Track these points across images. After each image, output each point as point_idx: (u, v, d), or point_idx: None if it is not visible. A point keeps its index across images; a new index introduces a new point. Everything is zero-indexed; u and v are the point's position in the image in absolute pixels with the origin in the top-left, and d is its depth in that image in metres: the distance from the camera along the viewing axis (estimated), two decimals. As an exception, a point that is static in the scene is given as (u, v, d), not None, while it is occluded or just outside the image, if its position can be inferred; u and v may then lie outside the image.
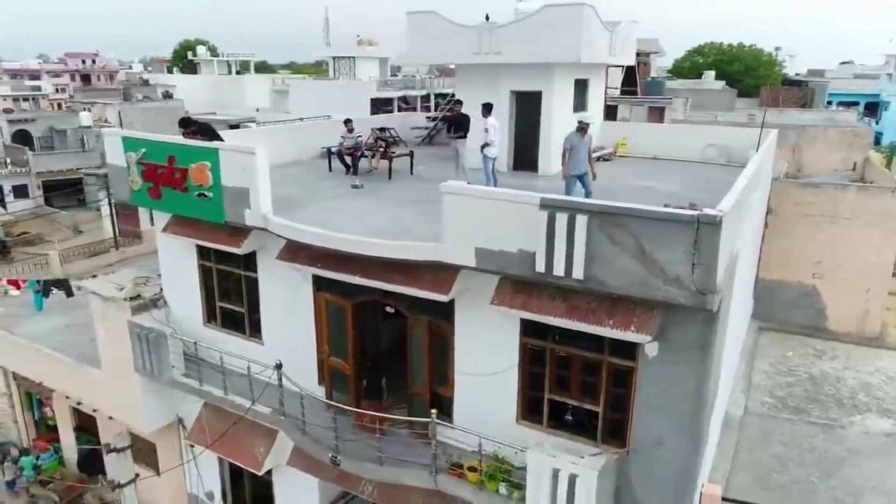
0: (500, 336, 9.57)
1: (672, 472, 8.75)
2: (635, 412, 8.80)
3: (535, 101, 14.49)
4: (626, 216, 7.46)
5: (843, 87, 69.17)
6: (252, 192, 10.50)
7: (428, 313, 10.11)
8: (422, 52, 14.94)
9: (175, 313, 13.56)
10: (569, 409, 9.63)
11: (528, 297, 8.70)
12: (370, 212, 11.44)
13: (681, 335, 8.14)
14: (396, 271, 9.67)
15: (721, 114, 29.12)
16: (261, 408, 11.64)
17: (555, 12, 12.90)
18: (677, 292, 7.37)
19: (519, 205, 8.10)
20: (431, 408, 10.24)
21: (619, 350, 8.69)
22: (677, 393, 8.44)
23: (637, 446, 8.89)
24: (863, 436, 12.99)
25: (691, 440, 8.57)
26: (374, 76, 52.85)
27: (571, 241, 7.71)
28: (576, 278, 7.87)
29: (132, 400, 13.89)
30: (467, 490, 9.68)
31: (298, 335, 11.79)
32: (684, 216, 7.13)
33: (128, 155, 11.75)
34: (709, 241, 7.06)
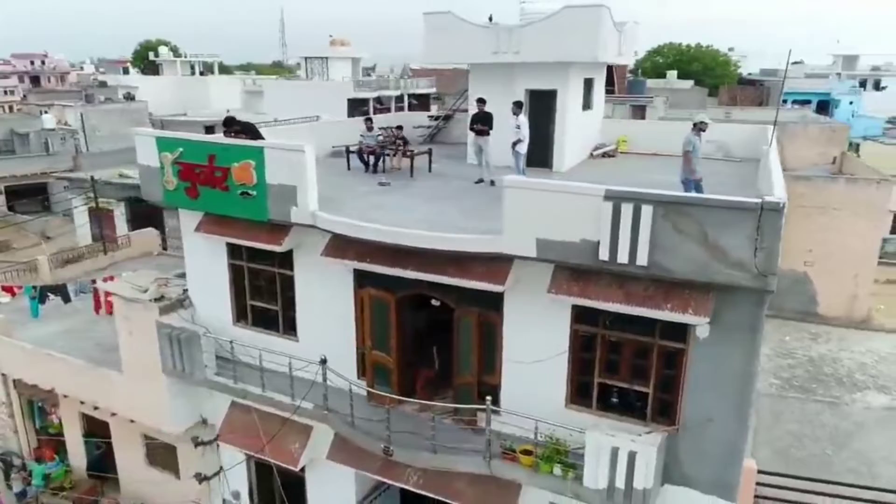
0: (549, 324, 9.97)
1: (720, 448, 9.30)
2: (685, 391, 9.32)
3: (551, 99, 14.95)
4: (690, 205, 7.97)
5: (797, 87, 71.97)
6: (300, 189, 10.65)
7: (477, 304, 10.45)
8: (439, 52, 15.25)
9: (201, 313, 13.54)
10: (614, 392, 10.10)
11: (585, 285, 9.13)
12: (409, 208, 11.69)
13: (731, 317, 8.67)
14: (450, 264, 9.98)
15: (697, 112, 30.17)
16: (303, 403, 11.77)
17: (575, 13, 13.39)
18: (740, 275, 7.91)
19: (583, 196, 8.52)
20: (479, 396, 10.65)
21: (669, 333, 9.20)
22: (726, 372, 8.99)
23: (686, 424, 9.41)
24: (865, 411, 13.87)
25: (739, 417, 9.14)
26: (347, 76, 52.83)
27: (636, 230, 8.17)
28: (640, 265, 8.33)
29: (157, 401, 13.82)
30: (521, 473, 10.06)
31: (336, 330, 11.97)
32: (749, 203, 7.67)
33: (162, 155, 11.73)
34: (771, 226, 7.60)
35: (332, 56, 52.10)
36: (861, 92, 71.50)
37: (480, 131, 13.66)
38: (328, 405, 11.50)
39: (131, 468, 16.29)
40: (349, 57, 53.74)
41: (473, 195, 12.79)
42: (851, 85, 73.54)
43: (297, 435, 12.90)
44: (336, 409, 11.46)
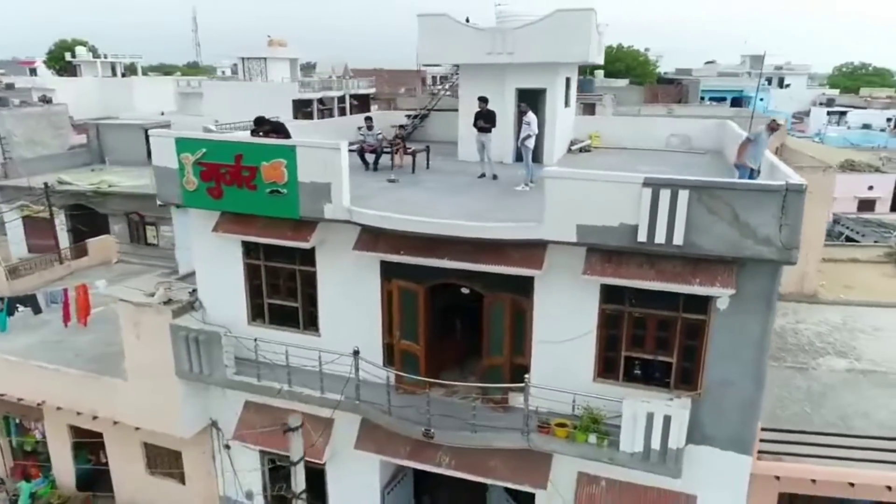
0: (578, 304, 10.75)
1: (739, 408, 10.36)
2: (706, 359, 10.32)
3: (540, 97, 15.78)
4: (723, 189, 8.93)
5: (713, 84, 76.61)
6: (334, 186, 10.95)
7: (507, 290, 11.10)
8: (433, 53, 15.77)
9: (212, 315, 13.52)
10: (637, 364, 10.99)
11: (618, 266, 9.97)
12: (430, 202, 12.16)
13: (749, 289, 9.71)
14: (484, 252, 10.59)
15: (643, 108, 32.00)
16: (332, 395, 12.05)
17: (567, 16, 14.25)
18: (766, 250, 8.94)
19: (622, 184, 9.34)
20: (510, 377, 11.33)
21: (692, 306, 10.16)
22: (744, 339, 10.05)
23: (708, 389, 10.41)
24: (830, 373, 15.45)
25: (756, 380, 10.22)
26: (286, 77, 52.15)
27: (673, 213, 9.06)
28: (676, 244, 9.23)
29: (168, 406, 13.69)
30: (557, 444, 10.81)
31: (361, 323, 12.32)
32: (775, 186, 8.70)
33: (183, 156, 11.70)
34: (794, 206, 8.66)
35: (270, 56, 51.26)
36: (770, 89, 76.85)
37: (484, 128, 14.29)
38: (360, 396, 11.84)
39: (129, 479, 15.93)
40: (287, 58, 53.01)
41: (483, 189, 13.42)
42: (762, 83, 78.76)
43: (319, 429, 13.12)
44: (368, 400, 11.82)
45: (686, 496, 10.96)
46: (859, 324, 18.11)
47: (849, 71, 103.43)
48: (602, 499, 11.35)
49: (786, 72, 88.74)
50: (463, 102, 16.45)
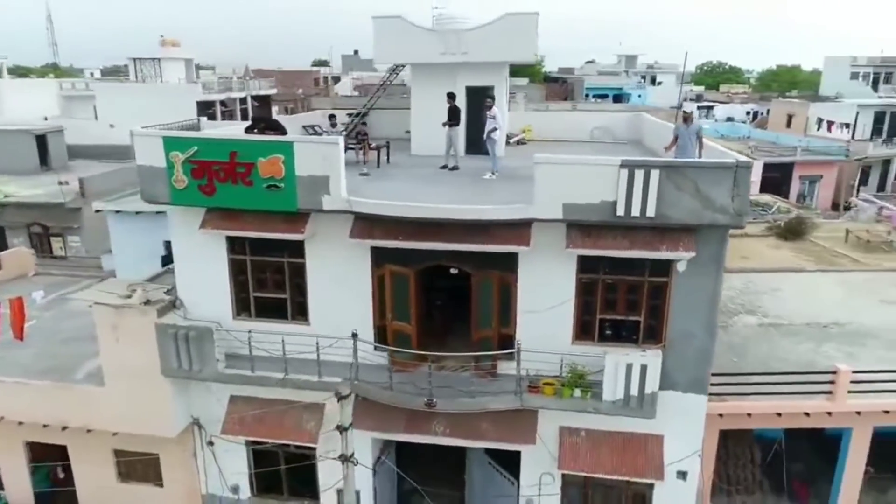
0: (558, 276, 12.14)
1: (696, 356, 12.18)
2: (669, 316, 12.04)
3: (489, 93, 17.06)
4: (687, 168, 10.61)
5: (596, 83, 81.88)
6: (332, 178, 11.62)
7: (494, 267, 12.29)
8: (389, 53, 16.63)
9: (194, 312, 13.66)
10: (608, 325, 12.55)
11: (597, 239, 11.44)
12: (412, 192, 13.02)
13: (704, 252, 11.48)
14: (475, 233, 11.70)
15: (550, 104, 34.31)
16: (331, 379, 12.69)
17: (517, 19, 15.62)
18: (722, 217, 10.72)
19: (602, 166, 10.80)
20: (499, 346, 12.55)
21: (656, 270, 11.84)
22: (700, 296, 11.86)
23: (670, 341, 12.14)
24: (746, 328, 17.95)
25: (709, 331, 12.07)
26: (182, 78, 50.36)
27: (647, 189, 10.63)
28: (649, 216, 10.82)
29: (153, 407, 13.69)
30: (547, 401, 12.15)
31: (351, 308, 13.01)
32: (728, 163, 10.48)
33: (172, 154, 11.86)
34: (743, 179, 10.49)
35: (164, 57, 49.27)
36: (646, 87, 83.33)
37: (451, 123, 15.37)
38: (359, 376, 12.59)
39: (97, 490, 15.55)
40: (182, 58, 51.17)
41: (454, 178, 14.54)
42: (638, 81, 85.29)
43: (310, 414, 13.72)
44: (366, 380, 12.59)
45: (654, 436, 12.67)
46: (760, 287, 20.95)
47: (709, 69, 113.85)
48: (582, 446, 12.84)
49: (656, 70, 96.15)
50: (416, 100, 17.44)
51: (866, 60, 72.54)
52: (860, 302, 19.82)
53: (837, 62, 74.21)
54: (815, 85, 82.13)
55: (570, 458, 12.74)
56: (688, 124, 12.96)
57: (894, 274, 22.77)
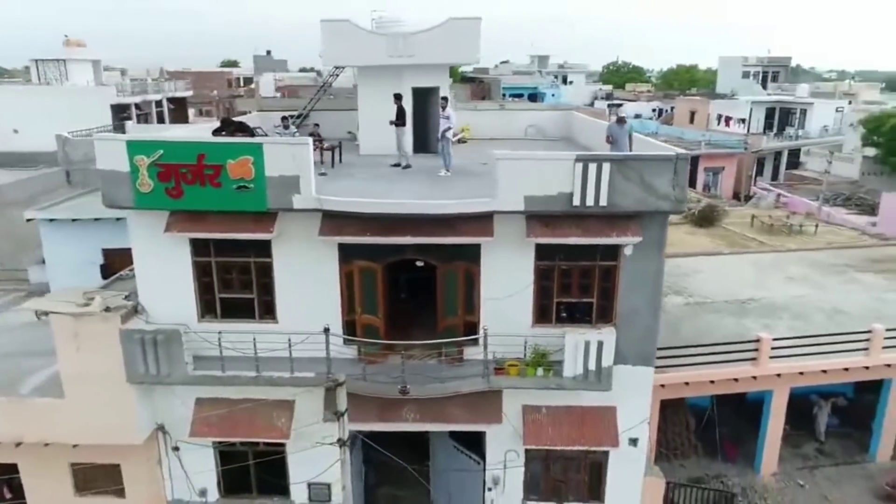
0: (518, 264, 13.03)
1: (644, 332, 13.39)
2: (618, 297, 13.19)
3: (434, 94, 17.79)
4: (633, 160, 11.73)
5: (511, 82, 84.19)
6: (303, 178, 11.98)
7: (459, 259, 13.02)
8: (337, 56, 16.98)
9: (156, 316, 13.58)
10: (563, 308, 13.56)
11: (554, 228, 12.40)
12: (376, 189, 13.58)
13: (647, 237, 12.66)
14: (441, 227, 12.37)
15: (477, 104, 35.39)
16: (304, 374, 13.03)
17: (461, 23, 16.40)
18: (664, 203, 11.94)
19: (559, 161, 11.76)
20: (465, 333, 13.30)
21: (606, 255, 12.95)
22: (644, 277, 13.06)
23: (620, 319, 13.30)
24: (675, 307, 19.61)
25: (654, 308, 13.32)
26: (90, 80, 47.99)
27: (599, 181, 11.68)
28: (601, 205, 11.88)
29: (117, 414, 13.49)
30: (513, 381, 13.04)
31: (319, 304, 13.37)
32: (669, 155, 11.69)
33: (137, 158, 11.82)
34: (682, 169, 11.73)
35: (70, 58, 46.69)
36: (559, 86, 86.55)
37: (398, 123, 15.95)
38: (331, 370, 12.97)
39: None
40: (90, 59, 48.66)
41: (412, 176, 15.16)
42: (551, 80, 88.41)
43: (280, 411, 13.95)
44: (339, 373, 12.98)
45: (608, 408, 13.79)
46: (683, 269, 22.81)
47: (615, 69, 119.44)
48: (544, 422, 13.79)
49: (567, 70, 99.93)
50: (363, 101, 17.88)
51: (756, 60, 78.56)
52: (770, 279, 22.05)
53: (730, 62, 79.98)
54: (712, 83, 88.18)
55: (534, 433, 13.66)
56: (621, 125, 14.25)
57: (796, 254, 25.36)
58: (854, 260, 24.45)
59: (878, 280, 22.16)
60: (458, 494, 15.47)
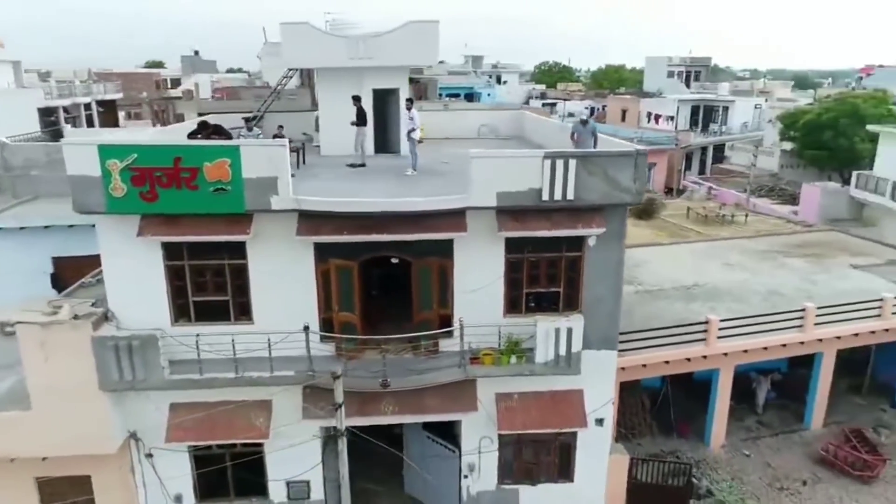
0: (489, 257, 13.62)
1: (607, 318, 14.24)
2: (583, 285, 13.98)
3: (394, 95, 18.18)
4: (597, 157, 12.51)
5: (448, 82, 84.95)
6: (281, 179, 12.16)
7: (433, 254, 13.49)
8: (297, 58, 17.10)
9: (127, 322, 13.42)
10: (531, 298, 14.24)
11: (524, 222, 13.06)
12: (348, 189, 13.88)
13: (609, 228, 13.50)
14: (415, 224, 12.81)
15: (421, 104, 35.86)
16: (284, 373, 13.20)
17: (420, 26, 16.82)
18: (626, 196, 12.79)
19: (529, 159, 12.40)
20: (439, 326, 13.79)
21: (572, 246, 13.72)
22: (607, 266, 13.90)
23: (586, 307, 14.09)
24: (627, 296, 20.53)
25: (616, 295, 14.19)
26: (11, 82, 45.60)
27: (566, 176, 12.40)
28: (568, 199, 12.61)
29: (90, 423, 13.26)
30: (488, 369, 13.62)
31: (295, 304, 13.55)
32: (630, 151, 12.53)
33: (110, 163, 11.69)
34: (641, 164, 12.61)
35: (-14, 59, 44.16)
36: (494, 86, 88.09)
37: (358, 124, 16.25)
38: (312, 368, 13.22)
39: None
40: (9, 60, 46.16)
41: (379, 175, 15.50)
42: (486, 80, 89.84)
43: (258, 411, 14.04)
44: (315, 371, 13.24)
45: (576, 391, 14.58)
46: (632, 261, 23.91)
47: (546, 69, 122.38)
48: (516, 407, 14.44)
49: (501, 70, 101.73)
50: (323, 102, 18.08)
51: (679, 60, 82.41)
52: (710, 266, 23.51)
53: (656, 62, 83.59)
54: (639, 82, 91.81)
55: (508, 419, 14.29)
56: (584, 125, 15.08)
57: (730, 242, 27.10)
58: (782, 246, 26.35)
59: (805, 263, 24.00)
60: (433, 484, 15.91)
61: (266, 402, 14.00)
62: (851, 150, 38.71)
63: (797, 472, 18.08)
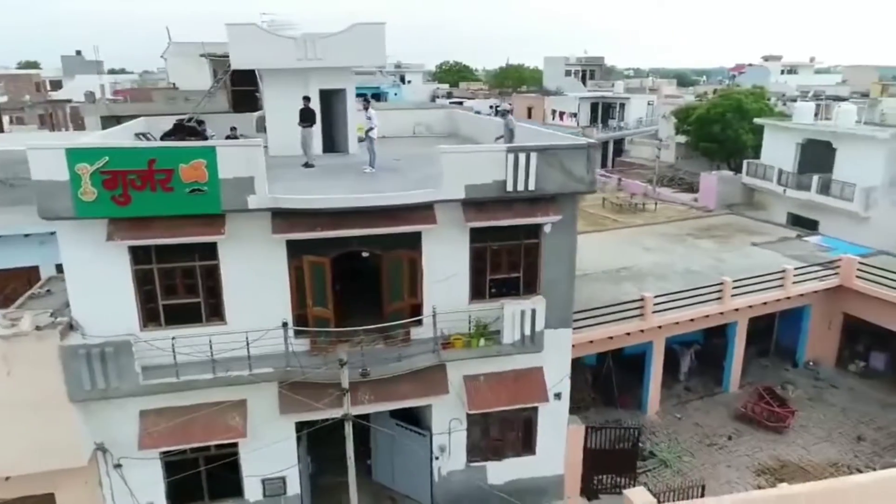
0: (454, 247, 14.41)
1: (563, 299, 15.42)
2: (541, 270, 15.08)
3: (341, 96, 18.54)
4: (555, 149, 13.61)
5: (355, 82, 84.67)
6: (257, 179, 12.35)
7: (402, 247, 14.10)
8: (244, 59, 17.03)
9: (92, 330, 13.08)
10: (494, 284, 15.17)
11: (488, 213, 13.95)
12: (309, 187, 14.19)
13: (564, 216, 14.67)
14: (386, 218, 13.39)
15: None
16: (262, 370, 13.38)
17: (368, 28, 17.27)
18: (580, 185, 13.98)
19: (494, 153, 13.31)
20: (410, 315, 14.45)
21: (530, 234, 14.77)
22: (561, 252, 15.08)
23: (543, 290, 15.20)
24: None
25: (570, 278, 15.40)
26: None
27: (527, 168, 13.41)
28: (530, 189, 13.62)
29: (57, 437, 12.86)
30: (459, 353, 14.43)
31: (269, 301, 13.73)
32: (583, 144, 13.72)
33: (79, 167, 11.42)
34: (594, 155, 13.84)
35: None
36: (400, 85, 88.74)
37: (307, 124, 16.53)
38: (290, 363, 13.49)
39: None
40: None
41: (340, 173, 15.88)
42: (393, 80, 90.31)
43: (233, 410, 14.11)
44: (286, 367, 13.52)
45: (537, 368, 15.66)
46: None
47: (447, 69, 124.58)
48: (483, 387, 15.31)
49: (405, 70, 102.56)
50: (270, 104, 18.14)
51: (576, 60, 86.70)
52: (631, 251, 25.51)
53: (554, 61, 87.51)
54: (539, 81, 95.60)
55: (476, 399, 15.14)
56: (505, 117, 16.37)
57: (645, 227, 29.41)
58: (690, 229, 28.95)
59: (712, 244, 26.57)
60: (402, 470, 16.51)
61: (241, 402, 14.09)
62: (737, 141, 42.74)
63: (722, 429, 20.21)
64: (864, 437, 19.68)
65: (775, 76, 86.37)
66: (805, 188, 31.64)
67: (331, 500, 16.70)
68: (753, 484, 17.46)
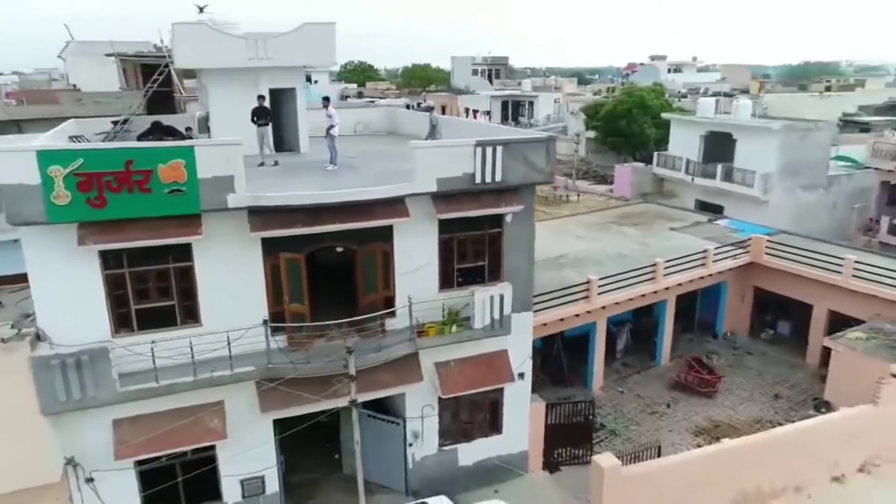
0: (424, 240, 14.99)
1: (524, 284, 16.34)
2: (504, 257, 15.94)
3: (291, 95, 18.57)
4: (517, 143, 14.47)
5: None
6: (237, 178, 12.37)
7: (375, 241, 14.51)
8: (192, 58, 16.70)
9: (60, 339, 12.60)
10: (461, 272, 15.88)
11: (458, 204, 14.63)
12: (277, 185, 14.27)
13: (524, 206, 15.59)
14: (360, 213, 13.76)
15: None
16: (244, 369, 13.40)
17: (318, 28, 17.41)
18: (541, 176, 14.95)
19: (463, 147, 13.99)
20: (384, 307, 14.90)
21: (493, 224, 15.59)
22: (522, 240, 16.00)
23: (507, 277, 16.06)
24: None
25: (530, 264, 16.37)
26: None
27: (494, 161, 14.20)
28: (497, 181, 14.42)
29: (28, 453, 12.38)
30: (434, 340, 15.04)
31: (245, 300, 13.75)
32: (542, 137, 14.68)
33: (52, 169, 11.01)
34: (552, 149, 14.83)
35: None
36: (308, 86, 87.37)
37: (262, 123, 16.53)
38: (271, 361, 13.59)
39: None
40: None
41: (304, 170, 16.03)
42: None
43: (211, 413, 14.02)
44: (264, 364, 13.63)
45: (502, 351, 16.50)
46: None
47: (352, 68, 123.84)
48: (453, 371, 15.98)
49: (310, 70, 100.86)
50: (216, 104, 17.82)
51: (482, 59, 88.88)
52: (565, 240, 26.98)
53: (461, 61, 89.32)
54: (445, 80, 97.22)
55: (448, 384, 15.79)
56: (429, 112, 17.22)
57: (572, 217, 31.11)
58: (612, 217, 30.91)
59: (635, 230, 28.56)
60: (375, 461, 16.86)
61: (218, 403, 14.01)
62: (642, 134, 45.78)
63: (660, 398, 21.95)
64: (780, 395, 22.02)
65: (663, 74, 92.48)
66: (710, 176, 34.55)
67: (302, 497, 16.86)
68: (693, 443, 19.19)
